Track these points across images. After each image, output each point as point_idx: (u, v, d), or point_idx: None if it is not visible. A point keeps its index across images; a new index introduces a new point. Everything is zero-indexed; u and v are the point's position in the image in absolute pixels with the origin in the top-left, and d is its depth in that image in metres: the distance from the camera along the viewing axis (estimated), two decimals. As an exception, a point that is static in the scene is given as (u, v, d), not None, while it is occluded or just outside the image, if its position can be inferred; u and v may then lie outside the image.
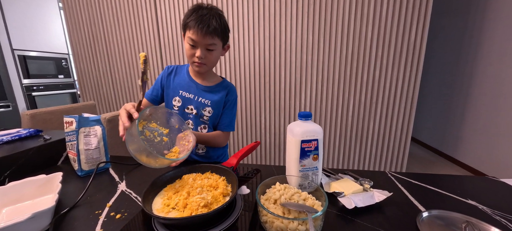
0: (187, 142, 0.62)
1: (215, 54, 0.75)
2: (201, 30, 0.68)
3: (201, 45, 0.71)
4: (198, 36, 0.69)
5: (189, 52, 0.73)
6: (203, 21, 0.68)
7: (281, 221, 0.39)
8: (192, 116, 0.82)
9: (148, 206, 0.46)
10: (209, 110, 0.82)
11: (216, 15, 0.70)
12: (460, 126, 2.40)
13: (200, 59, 0.72)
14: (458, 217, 0.45)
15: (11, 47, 2.47)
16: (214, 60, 0.76)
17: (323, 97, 1.73)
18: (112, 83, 2.04)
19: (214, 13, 0.70)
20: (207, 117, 0.82)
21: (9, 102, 2.39)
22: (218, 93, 0.83)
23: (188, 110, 0.82)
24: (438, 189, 0.59)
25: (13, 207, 0.53)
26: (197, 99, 0.81)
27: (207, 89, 0.82)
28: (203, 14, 0.69)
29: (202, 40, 0.70)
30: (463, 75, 2.37)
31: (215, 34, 0.70)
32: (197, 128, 0.84)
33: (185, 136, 0.63)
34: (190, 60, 0.76)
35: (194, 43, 0.71)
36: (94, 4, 1.88)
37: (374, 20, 1.55)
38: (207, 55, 0.73)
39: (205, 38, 0.69)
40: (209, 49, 0.72)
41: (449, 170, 2.32)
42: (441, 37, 2.71)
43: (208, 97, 0.82)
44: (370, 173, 0.67)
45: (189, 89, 0.82)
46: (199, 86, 0.82)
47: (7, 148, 0.72)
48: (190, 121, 0.83)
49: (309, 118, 0.55)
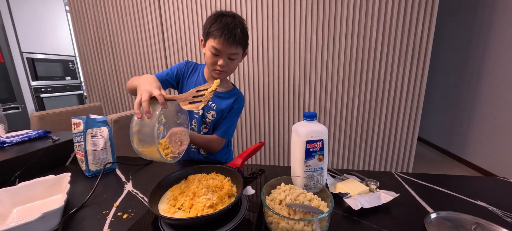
0: (179, 142, 0.58)
1: (236, 62, 0.75)
2: (227, 41, 0.67)
3: (225, 55, 0.71)
4: (223, 46, 0.68)
5: (210, 60, 0.72)
6: (228, 31, 0.66)
7: (287, 222, 0.39)
8: (198, 116, 0.83)
9: (155, 207, 0.46)
10: (213, 114, 0.82)
11: (239, 24, 0.70)
12: (468, 126, 2.35)
13: (222, 67, 0.72)
14: (468, 219, 0.44)
15: (20, 50, 2.52)
16: (234, 68, 0.77)
17: (327, 97, 1.71)
18: (117, 85, 2.06)
19: (237, 22, 0.69)
20: (210, 120, 0.83)
21: (19, 104, 2.45)
22: (226, 100, 0.83)
23: (195, 110, 0.83)
24: (446, 190, 0.57)
25: (24, 207, 0.54)
26: None
27: (216, 94, 0.83)
28: (228, 22, 0.67)
29: (227, 50, 0.69)
30: (471, 73, 2.32)
31: (239, 44, 0.70)
32: (200, 127, 0.84)
33: (179, 134, 0.58)
34: (210, 67, 0.75)
35: (218, 52, 0.70)
36: (100, 6, 1.90)
37: (379, 18, 1.53)
38: (229, 63, 0.73)
39: (230, 48, 0.69)
40: (231, 58, 0.72)
41: (457, 170, 2.28)
42: (448, 35, 2.66)
43: (215, 101, 0.82)
44: (376, 174, 0.66)
45: None
46: None
47: (17, 149, 0.74)
48: (195, 120, 0.84)
49: (314, 118, 0.54)
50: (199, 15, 1.73)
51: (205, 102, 0.49)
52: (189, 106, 0.49)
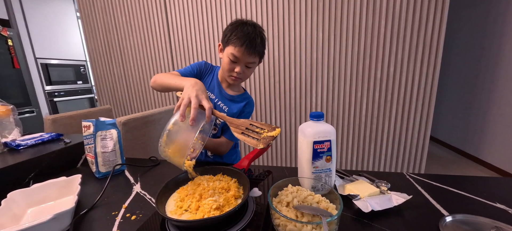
0: (192, 148, 0.58)
1: (251, 70, 0.77)
2: (247, 50, 0.68)
3: (242, 62, 0.72)
4: (242, 55, 0.69)
5: (228, 66, 0.74)
6: (250, 40, 0.68)
7: (294, 224, 0.39)
8: None
9: (162, 208, 0.46)
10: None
11: (259, 34, 0.71)
12: (483, 123, 2.25)
13: (238, 74, 0.74)
14: (486, 222, 0.42)
15: (35, 56, 2.63)
16: (249, 75, 0.79)
17: (335, 96, 1.69)
18: (126, 88, 2.11)
19: (258, 32, 0.70)
20: (220, 122, 0.84)
21: (34, 108, 2.55)
22: (237, 104, 0.84)
23: None
24: (462, 191, 0.55)
25: (38, 207, 0.56)
26: (217, 102, 0.83)
27: (228, 97, 0.84)
28: (249, 32, 0.69)
29: (246, 58, 0.71)
30: (486, 68, 2.23)
31: (258, 54, 0.71)
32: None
33: (195, 141, 0.59)
34: (227, 73, 0.76)
35: (236, 59, 0.71)
36: (109, 12, 1.95)
37: (387, 13, 1.49)
38: (245, 71, 0.74)
39: (249, 57, 0.71)
40: (248, 66, 0.74)
41: (473, 171, 2.19)
42: (460, 30, 2.57)
43: (227, 104, 0.83)
44: (387, 175, 0.64)
45: (213, 90, 0.84)
46: (223, 92, 0.84)
47: (31, 151, 0.77)
48: None
49: (321, 118, 0.53)
50: (205, 18, 1.75)
51: (264, 144, 0.48)
52: (242, 137, 0.50)
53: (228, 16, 1.70)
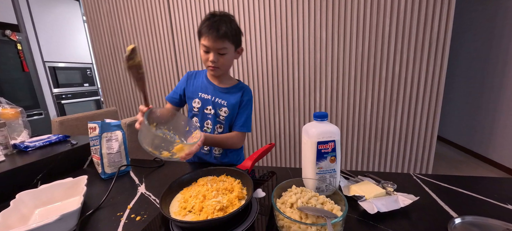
0: (196, 138, 0.66)
1: (227, 57, 0.77)
2: (212, 35, 0.71)
3: (213, 50, 0.74)
4: (209, 41, 0.72)
5: (203, 57, 0.77)
6: (213, 27, 0.71)
7: (299, 226, 0.38)
8: (211, 116, 0.85)
9: (166, 209, 0.47)
10: (225, 110, 0.84)
11: (226, 21, 0.73)
12: (493, 122, 2.19)
13: (213, 63, 0.75)
14: (497, 224, 0.41)
15: (43, 60, 2.69)
16: (226, 63, 0.79)
17: (339, 96, 1.67)
18: (131, 90, 2.14)
19: (225, 19, 0.73)
20: (223, 117, 0.84)
21: (42, 110, 2.60)
22: (234, 95, 0.85)
23: (207, 111, 0.85)
24: (471, 192, 0.54)
25: (45, 208, 0.57)
26: (214, 99, 0.84)
27: (224, 90, 0.85)
28: (215, 20, 0.72)
29: (214, 44, 0.72)
30: (495, 66, 2.17)
31: (225, 38, 0.72)
32: (214, 127, 0.86)
33: (194, 137, 0.68)
34: (205, 65, 0.79)
35: (207, 48, 0.74)
36: (114, 15, 1.98)
37: (392, 11, 1.47)
38: (219, 59, 0.75)
39: (216, 43, 0.72)
40: (221, 53, 0.75)
41: (482, 171, 2.14)
42: (468, 27, 2.51)
43: (224, 97, 0.84)
44: (393, 175, 0.63)
45: (206, 91, 0.85)
46: (216, 88, 0.85)
47: (39, 153, 0.78)
48: (209, 121, 0.86)
49: (325, 118, 0.53)
50: (208, 18, 1.76)
51: (139, 67, 0.59)
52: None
53: (231, 17, 1.71)
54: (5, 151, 0.77)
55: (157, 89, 2.04)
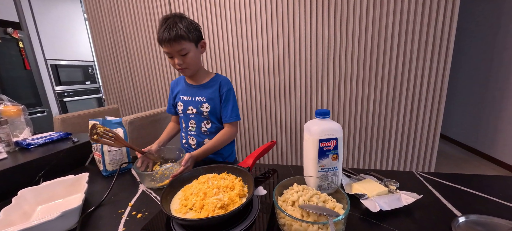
0: (183, 160, 0.68)
1: (190, 55, 0.77)
2: (166, 41, 0.72)
3: (174, 53, 0.75)
4: (167, 47, 0.73)
5: (170, 62, 0.78)
6: (165, 32, 0.71)
7: (300, 224, 0.38)
8: (194, 115, 0.87)
9: (167, 207, 0.46)
10: (206, 105, 0.85)
11: (177, 21, 0.72)
12: (497, 120, 2.17)
13: (179, 65, 0.77)
14: (502, 224, 0.40)
15: (44, 57, 2.69)
16: (192, 61, 0.79)
17: (341, 93, 1.66)
18: (133, 87, 2.14)
19: (175, 20, 0.72)
20: (206, 112, 0.85)
21: (44, 108, 2.61)
22: (211, 88, 0.86)
23: (189, 111, 0.87)
24: (475, 191, 0.53)
25: (47, 205, 0.57)
26: (194, 99, 0.86)
27: (201, 87, 0.87)
28: (166, 26, 0.71)
29: (172, 49, 0.73)
30: (500, 63, 2.14)
31: (180, 39, 0.72)
32: (200, 124, 0.87)
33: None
34: (175, 69, 0.80)
35: (169, 54, 0.76)
36: (115, 13, 1.98)
37: (395, 7, 1.45)
38: (184, 60, 0.76)
39: (173, 46, 0.73)
40: (182, 54, 0.75)
41: (486, 170, 2.12)
42: (473, 24, 2.48)
43: (202, 94, 0.85)
44: (396, 174, 0.63)
45: (186, 93, 0.88)
46: (194, 87, 0.87)
47: (41, 150, 0.78)
48: (193, 121, 0.88)
49: (327, 116, 0.52)
50: (208, 18, 1.75)
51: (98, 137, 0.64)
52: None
53: (232, 16, 1.69)
54: (8, 148, 0.78)
55: (158, 88, 2.04)
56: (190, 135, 0.90)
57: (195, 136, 0.89)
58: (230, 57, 1.78)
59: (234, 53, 1.76)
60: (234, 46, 1.74)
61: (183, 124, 0.91)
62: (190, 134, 0.90)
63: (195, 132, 0.88)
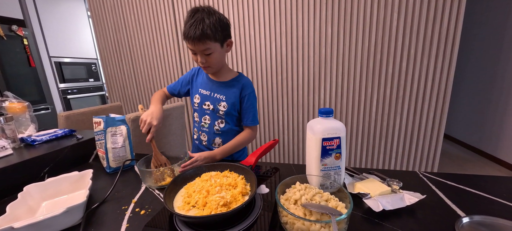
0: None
1: (214, 56, 0.74)
2: (191, 40, 0.68)
3: (198, 52, 0.72)
4: (191, 45, 0.71)
5: (193, 58, 0.76)
6: (191, 29, 0.67)
7: (303, 223, 0.38)
8: (209, 112, 0.85)
9: (170, 204, 0.47)
10: (224, 104, 0.83)
11: (204, 18, 0.68)
12: (502, 120, 2.14)
13: (202, 63, 0.75)
14: (507, 225, 0.40)
15: (49, 55, 2.72)
16: (215, 61, 0.76)
17: (344, 92, 1.65)
18: (136, 85, 2.15)
19: (204, 16, 0.68)
20: (223, 111, 0.83)
21: (48, 105, 2.64)
22: (232, 88, 0.84)
23: (205, 106, 0.85)
24: (479, 191, 0.52)
25: (52, 201, 0.58)
26: (212, 95, 0.84)
27: (222, 85, 0.84)
28: (193, 22, 0.68)
29: (196, 48, 0.71)
30: (506, 63, 2.11)
31: (206, 39, 0.68)
32: (214, 122, 0.86)
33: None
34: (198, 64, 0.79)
35: (193, 51, 0.74)
36: (118, 11, 1.98)
37: (400, 5, 1.43)
38: (207, 59, 0.74)
39: (198, 46, 0.70)
40: (206, 53, 0.73)
41: (490, 170, 2.10)
42: (479, 23, 2.44)
43: (222, 92, 0.84)
44: (399, 173, 0.62)
45: (206, 87, 0.86)
46: (215, 83, 0.85)
47: (46, 146, 0.79)
48: (207, 117, 0.86)
49: (330, 115, 0.52)
50: (212, 13, 1.74)
51: None
52: None
53: (235, 13, 1.69)
54: (13, 144, 0.79)
55: (161, 85, 2.05)
56: (202, 131, 0.88)
57: (207, 133, 0.87)
58: (233, 55, 1.78)
59: (237, 51, 1.76)
60: (236, 44, 1.74)
61: (196, 117, 0.89)
62: (202, 130, 0.88)
63: (207, 129, 0.87)
